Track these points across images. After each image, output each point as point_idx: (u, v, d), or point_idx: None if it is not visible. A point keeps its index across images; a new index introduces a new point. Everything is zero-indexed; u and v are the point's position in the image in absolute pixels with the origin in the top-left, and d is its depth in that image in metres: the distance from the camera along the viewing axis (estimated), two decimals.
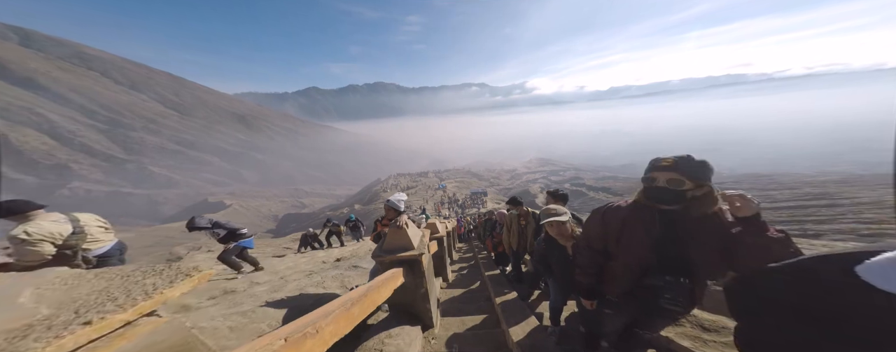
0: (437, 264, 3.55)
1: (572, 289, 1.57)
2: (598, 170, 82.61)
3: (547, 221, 1.69)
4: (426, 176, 71.74)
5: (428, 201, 41.83)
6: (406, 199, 2.57)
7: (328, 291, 2.76)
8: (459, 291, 3.36)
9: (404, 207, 2.52)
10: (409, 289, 1.89)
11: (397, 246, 1.93)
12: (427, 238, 2.38)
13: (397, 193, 2.61)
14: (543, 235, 1.84)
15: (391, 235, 1.98)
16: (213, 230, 3.57)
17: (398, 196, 2.56)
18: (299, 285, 2.84)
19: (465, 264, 5.44)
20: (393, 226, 2.00)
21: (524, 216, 3.03)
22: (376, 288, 1.37)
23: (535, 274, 2.98)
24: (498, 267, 4.11)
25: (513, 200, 3.12)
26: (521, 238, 3.06)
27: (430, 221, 3.47)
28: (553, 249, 1.76)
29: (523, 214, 3.03)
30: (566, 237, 1.71)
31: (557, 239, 1.73)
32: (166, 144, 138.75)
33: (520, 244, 3.11)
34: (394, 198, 2.52)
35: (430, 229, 3.38)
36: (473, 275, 4.31)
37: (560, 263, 1.73)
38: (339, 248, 7.37)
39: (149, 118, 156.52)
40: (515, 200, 3.12)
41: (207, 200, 75.96)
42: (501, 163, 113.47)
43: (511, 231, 3.12)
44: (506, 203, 3.20)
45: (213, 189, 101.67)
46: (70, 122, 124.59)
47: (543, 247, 1.85)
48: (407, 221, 2.07)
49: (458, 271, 4.77)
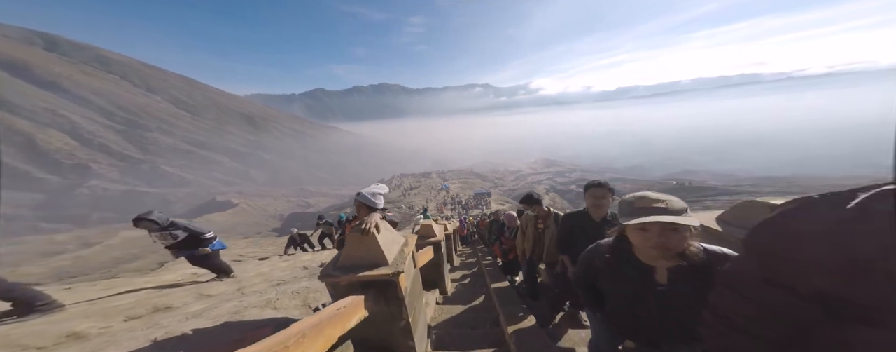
0: (432, 274, 3.02)
1: None
2: (605, 171, 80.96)
3: (644, 222, 0.83)
4: (429, 176, 71.53)
5: (430, 202, 41.65)
6: (386, 192, 1.87)
7: (279, 313, 2.08)
8: (460, 308, 2.75)
9: (382, 203, 1.80)
10: (381, 321, 1.34)
11: (361, 260, 1.33)
12: (411, 247, 1.69)
13: (375, 185, 1.88)
14: (610, 244, 1.04)
15: (352, 244, 1.35)
16: (165, 231, 2.84)
17: (374, 189, 1.83)
18: (243, 305, 2.13)
19: (467, 272, 4.83)
20: (355, 230, 1.37)
21: (544, 218, 2.48)
22: (320, 327, 0.89)
23: (561, 293, 2.26)
24: (506, 276, 3.60)
25: (529, 198, 2.50)
26: (537, 244, 2.54)
27: (424, 223, 2.95)
28: (624, 268, 0.97)
29: (543, 216, 2.49)
30: (668, 252, 0.87)
31: (645, 252, 0.91)
32: (179, 145, 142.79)
33: (535, 251, 2.57)
34: (367, 190, 1.79)
35: (422, 233, 2.87)
36: (477, 286, 3.74)
37: (630, 294, 0.97)
38: (330, 250, 6.83)
39: (162, 119, 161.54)
40: (532, 197, 2.49)
41: (216, 198, 77.54)
42: (506, 164, 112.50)
43: (526, 235, 2.59)
44: (520, 202, 2.59)
45: (222, 188, 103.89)
46: (90, 123, 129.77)
47: (604, 262, 1.03)
48: (377, 223, 1.43)
49: (459, 281, 4.17)
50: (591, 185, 1.76)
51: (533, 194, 2.50)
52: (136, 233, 31.52)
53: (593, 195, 1.74)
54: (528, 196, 2.51)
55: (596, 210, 1.75)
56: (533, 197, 2.49)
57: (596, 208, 1.74)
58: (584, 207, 1.86)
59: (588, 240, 1.23)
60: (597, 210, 1.75)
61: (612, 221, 1.70)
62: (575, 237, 1.76)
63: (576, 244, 1.67)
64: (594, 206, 1.74)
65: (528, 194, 2.51)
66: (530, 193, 2.52)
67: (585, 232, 1.70)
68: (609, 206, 1.75)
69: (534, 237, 2.55)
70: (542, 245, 2.50)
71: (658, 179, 53.30)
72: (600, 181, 1.76)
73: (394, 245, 1.50)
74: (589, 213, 1.79)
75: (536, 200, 2.47)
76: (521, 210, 3.85)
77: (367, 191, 1.82)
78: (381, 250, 1.35)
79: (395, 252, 1.45)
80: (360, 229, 1.34)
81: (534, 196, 2.49)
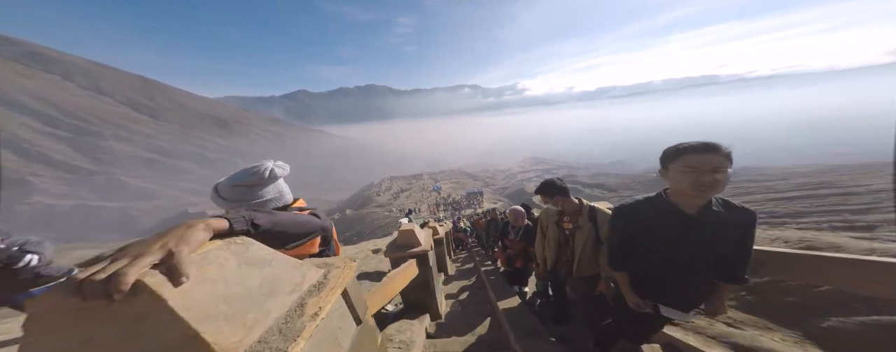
0: (419, 294, 2.30)
1: None
2: (590, 167, 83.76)
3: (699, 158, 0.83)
4: (420, 178, 70.56)
5: (422, 203, 40.77)
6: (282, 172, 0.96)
7: None
8: (459, 344, 1.87)
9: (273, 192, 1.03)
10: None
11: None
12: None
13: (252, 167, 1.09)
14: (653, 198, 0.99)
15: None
16: None
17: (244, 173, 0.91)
18: None
19: (466, 282, 4.01)
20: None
21: (573, 214, 1.76)
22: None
23: (613, 330, 1.40)
24: (512, 287, 2.88)
25: (549, 187, 1.78)
26: (562, 251, 1.84)
27: (403, 228, 2.24)
28: (667, 221, 0.95)
29: (572, 211, 1.76)
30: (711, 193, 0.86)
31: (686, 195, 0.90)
32: (140, 153, 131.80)
33: (561, 261, 1.88)
34: (228, 180, 0.92)
35: (401, 242, 2.48)
36: (478, 303, 2.97)
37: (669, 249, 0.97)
38: None
39: (119, 125, 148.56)
40: (554, 185, 1.77)
41: (188, 210, 72.29)
42: (496, 163, 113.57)
43: (547, 238, 1.94)
44: (537, 192, 1.89)
45: (194, 199, 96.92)
46: (27, 130, 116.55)
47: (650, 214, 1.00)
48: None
49: (455, 296, 3.27)
50: (688, 148, 0.88)
51: (555, 182, 1.78)
52: (91, 251, 28.36)
53: (693, 166, 0.86)
54: (549, 184, 1.78)
55: (695, 194, 0.89)
56: (555, 185, 1.76)
57: (697, 189, 0.87)
58: (662, 192, 1.04)
59: (670, 247, 0.94)
60: (697, 194, 0.89)
61: (727, 212, 0.93)
62: (642, 242, 1.06)
63: (645, 254, 1.06)
64: (694, 186, 0.87)
65: (549, 182, 1.79)
66: (551, 180, 1.81)
67: (667, 233, 0.98)
68: (722, 187, 0.86)
69: (558, 241, 1.86)
70: (570, 252, 1.79)
71: (640, 172, 55.73)
72: (708, 142, 0.87)
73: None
74: (673, 201, 0.98)
75: (560, 189, 1.74)
76: (526, 205, 3.23)
77: (227, 181, 0.93)
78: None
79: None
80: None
81: (556, 184, 1.76)
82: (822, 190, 14.26)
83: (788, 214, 12.03)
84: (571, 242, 1.77)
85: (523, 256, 2.92)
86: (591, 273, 1.73)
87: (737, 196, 18.42)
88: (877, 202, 10.09)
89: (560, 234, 1.84)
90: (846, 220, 9.16)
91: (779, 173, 25.28)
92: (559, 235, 1.85)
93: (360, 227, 33.06)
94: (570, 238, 1.78)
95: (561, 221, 1.83)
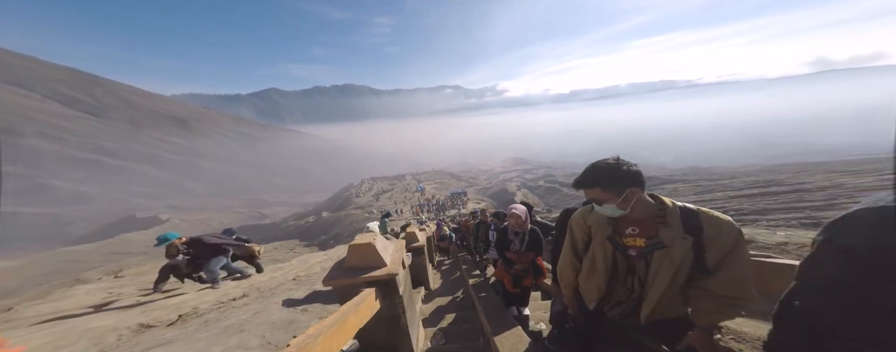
0: (381, 335, 1.67)
1: None
2: (567, 167, 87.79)
3: None
4: (403, 179, 68.97)
5: (402, 204, 39.61)
6: None
7: None
8: None
9: None
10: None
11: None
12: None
13: None
14: None
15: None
16: None
17: None
18: None
19: (450, 299, 3.51)
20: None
21: (646, 222, 1.07)
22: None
23: None
24: (510, 309, 2.41)
25: (608, 172, 1.05)
26: (620, 283, 1.15)
27: (359, 239, 1.64)
28: None
29: (646, 218, 1.08)
30: None
31: None
32: (71, 153, 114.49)
33: (617, 296, 1.16)
34: None
35: (354, 263, 1.63)
36: (465, 332, 2.41)
37: None
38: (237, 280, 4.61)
39: (44, 122, 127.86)
40: (618, 168, 1.04)
41: (135, 215, 63.97)
42: (478, 163, 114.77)
43: (590, 259, 1.18)
44: (581, 183, 1.12)
45: (145, 203, 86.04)
46: None
47: None
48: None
49: (436, 322, 2.79)
50: None
51: (621, 164, 1.04)
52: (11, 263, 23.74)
53: None
54: (608, 170, 1.04)
55: None
56: (620, 170, 1.02)
57: None
58: None
59: None
60: None
61: None
62: None
63: None
64: None
65: (608, 166, 1.05)
66: (613, 162, 1.05)
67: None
68: None
69: (611, 266, 1.12)
70: (635, 285, 1.09)
71: None
72: None
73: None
74: None
75: (631, 178, 1.02)
76: (528, 205, 2.58)
77: None
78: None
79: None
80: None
81: (622, 168, 1.03)
82: (773, 188, 15.70)
83: (756, 212, 12.34)
84: (641, 269, 1.06)
85: (532, 274, 2.34)
86: (672, 317, 1.06)
87: (699, 195, 19.91)
88: (831, 198, 10.95)
89: (617, 255, 1.10)
90: (810, 216, 9.83)
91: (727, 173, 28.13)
92: (613, 256, 1.11)
93: (337, 229, 31.17)
94: (640, 263, 1.06)
95: (620, 234, 1.09)
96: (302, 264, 6.20)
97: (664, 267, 0.98)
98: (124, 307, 3.33)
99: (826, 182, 13.57)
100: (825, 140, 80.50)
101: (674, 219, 0.99)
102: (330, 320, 0.93)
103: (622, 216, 1.06)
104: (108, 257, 32.91)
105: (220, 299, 3.40)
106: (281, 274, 5.17)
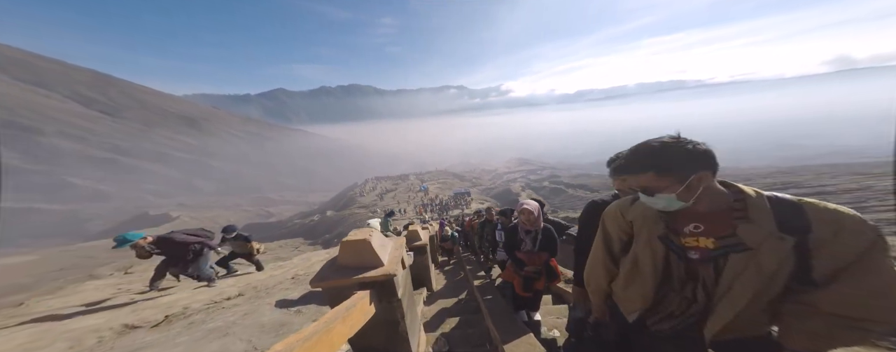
0: (389, 342, 1.52)
1: None
2: (572, 168, 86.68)
3: None
4: (407, 179, 69.07)
5: (405, 204, 39.56)
6: None
7: None
8: None
9: None
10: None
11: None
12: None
13: None
14: None
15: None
16: None
17: None
18: None
19: (454, 302, 3.34)
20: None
21: (719, 217, 0.80)
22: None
23: None
24: (519, 312, 2.25)
25: (662, 152, 0.78)
26: (674, 292, 0.86)
27: (351, 236, 1.45)
28: None
29: (718, 211, 0.81)
30: None
31: None
32: (91, 152, 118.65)
33: (670, 308, 0.87)
34: None
35: (346, 261, 1.44)
36: (471, 338, 2.24)
37: None
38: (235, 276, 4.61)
39: (65, 121, 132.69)
40: (680, 146, 0.76)
41: (148, 213, 65.69)
42: (482, 163, 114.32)
43: (634, 262, 0.90)
44: (622, 168, 0.87)
45: (157, 201, 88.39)
46: None
47: None
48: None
49: (438, 325, 2.59)
50: None
51: (681, 142, 0.77)
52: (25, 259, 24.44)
53: None
54: (661, 149, 0.78)
55: None
56: (683, 148, 0.76)
57: None
58: None
59: None
60: None
61: None
62: None
63: None
64: None
65: (661, 145, 0.79)
66: (672, 141, 0.78)
67: None
68: None
69: (661, 271, 0.86)
70: (697, 293, 0.82)
71: None
72: None
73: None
74: None
75: (700, 158, 0.77)
76: (539, 201, 2.35)
77: None
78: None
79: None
80: None
81: (685, 146, 0.76)
82: (793, 190, 15.10)
83: None
84: (707, 275, 0.80)
85: (545, 276, 2.14)
86: (751, 336, 0.81)
87: None
88: (859, 201, 10.10)
89: (671, 258, 0.84)
90: None
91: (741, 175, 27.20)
92: (665, 259, 0.84)
93: (340, 228, 31.32)
94: (706, 269, 0.80)
95: (677, 233, 0.83)
96: (303, 263, 6.07)
97: (747, 275, 0.73)
98: (117, 306, 3.22)
99: (853, 184, 12.89)
100: (842, 141, 77.65)
101: (761, 213, 0.75)
102: (308, 330, 0.74)
103: (682, 210, 0.80)
104: (120, 254, 33.98)
105: (213, 298, 3.26)
106: (280, 272, 5.04)
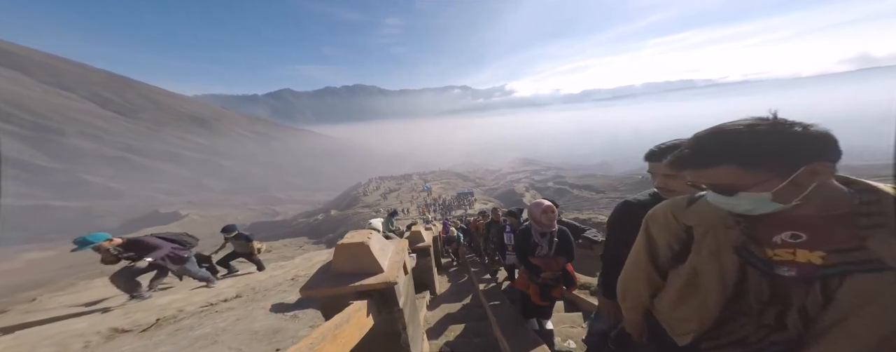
0: None
1: None
2: (577, 169, 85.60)
3: None
4: (410, 178, 69.16)
5: (408, 204, 39.52)
6: None
7: None
8: None
9: None
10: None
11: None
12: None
13: None
14: None
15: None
16: None
17: None
18: None
19: (458, 306, 3.17)
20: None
21: (833, 225, 0.54)
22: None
23: None
24: (528, 319, 2.09)
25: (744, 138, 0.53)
26: (757, 311, 0.60)
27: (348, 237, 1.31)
28: None
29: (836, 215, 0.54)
30: None
31: None
32: (106, 151, 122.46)
33: (743, 330, 0.63)
34: None
35: (340, 266, 1.29)
36: (477, 349, 2.07)
37: None
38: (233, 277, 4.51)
39: (83, 122, 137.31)
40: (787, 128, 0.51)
41: (159, 210, 67.19)
42: (485, 164, 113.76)
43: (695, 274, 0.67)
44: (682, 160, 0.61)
45: (167, 199, 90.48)
46: None
47: None
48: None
49: (442, 333, 2.35)
50: None
51: (784, 120, 0.52)
52: (44, 254, 25.32)
53: None
54: (757, 134, 0.52)
55: None
56: (792, 131, 0.50)
57: None
58: None
59: None
60: None
61: None
62: None
63: None
64: None
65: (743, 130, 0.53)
66: (755, 127, 0.52)
67: None
68: None
69: (729, 285, 0.63)
70: (783, 313, 0.57)
71: (624, 174, 57.24)
72: None
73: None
74: None
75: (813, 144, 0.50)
76: (553, 201, 2.05)
77: None
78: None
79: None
80: None
81: (794, 128, 0.50)
82: None
83: None
84: (809, 299, 0.55)
85: (562, 283, 1.96)
86: None
87: None
88: None
89: (750, 273, 0.61)
90: None
91: None
92: (740, 274, 0.62)
93: (344, 227, 31.45)
94: (809, 291, 0.55)
95: (761, 243, 0.60)
96: (304, 263, 5.96)
97: (879, 306, 0.49)
98: (112, 308, 3.13)
99: None
100: (861, 140, 74.70)
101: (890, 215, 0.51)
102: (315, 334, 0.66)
103: (773, 213, 0.56)
104: None
105: (209, 300, 3.15)
106: (281, 273, 4.93)
